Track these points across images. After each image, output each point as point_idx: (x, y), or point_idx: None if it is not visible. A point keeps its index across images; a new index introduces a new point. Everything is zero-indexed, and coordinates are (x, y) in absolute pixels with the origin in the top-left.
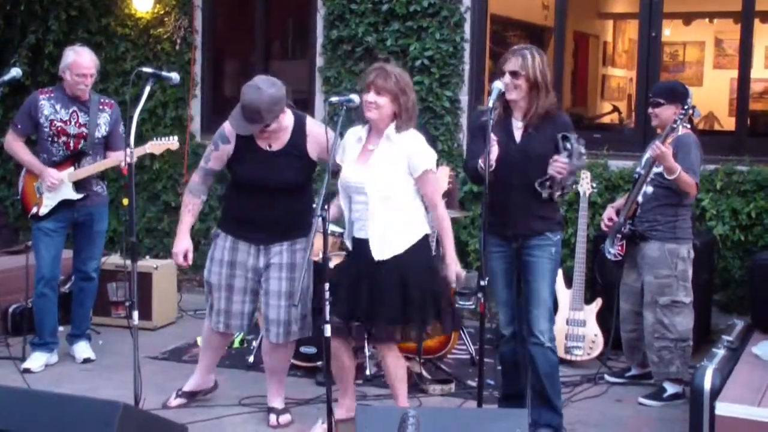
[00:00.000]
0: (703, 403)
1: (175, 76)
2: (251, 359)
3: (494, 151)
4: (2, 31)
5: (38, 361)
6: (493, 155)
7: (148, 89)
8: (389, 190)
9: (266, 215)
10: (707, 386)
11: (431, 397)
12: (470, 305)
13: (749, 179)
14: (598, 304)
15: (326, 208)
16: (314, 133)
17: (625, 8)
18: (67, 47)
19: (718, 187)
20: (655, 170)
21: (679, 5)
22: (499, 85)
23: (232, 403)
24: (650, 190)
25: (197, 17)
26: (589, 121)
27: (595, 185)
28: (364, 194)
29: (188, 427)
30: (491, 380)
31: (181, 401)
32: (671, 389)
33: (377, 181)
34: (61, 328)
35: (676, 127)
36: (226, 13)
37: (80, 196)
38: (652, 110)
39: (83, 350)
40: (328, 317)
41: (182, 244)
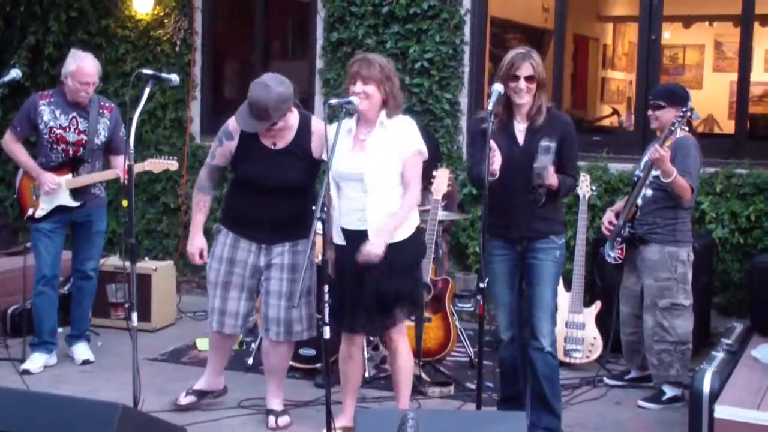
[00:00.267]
0: (702, 406)
1: (174, 77)
2: (250, 361)
3: (497, 160)
4: (2, 32)
5: (37, 362)
6: (496, 165)
7: (147, 91)
8: (387, 176)
9: (268, 214)
10: (706, 389)
11: (430, 399)
12: (469, 308)
13: (749, 182)
14: (597, 306)
15: (325, 209)
16: (319, 130)
17: (624, 11)
18: (69, 51)
19: (717, 190)
20: (653, 173)
21: (678, 8)
22: (499, 87)
23: (231, 405)
24: (649, 193)
25: (197, 19)
26: (588, 123)
27: (594, 188)
28: (359, 182)
29: (187, 428)
30: (490, 383)
31: (191, 399)
32: (670, 392)
33: (375, 167)
34: (60, 329)
35: (674, 129)
36: (226, 15)
37: (77, 204)
38: (652, 113)
39: (82, 351)
40: (327, 319)
41: (197, 242)
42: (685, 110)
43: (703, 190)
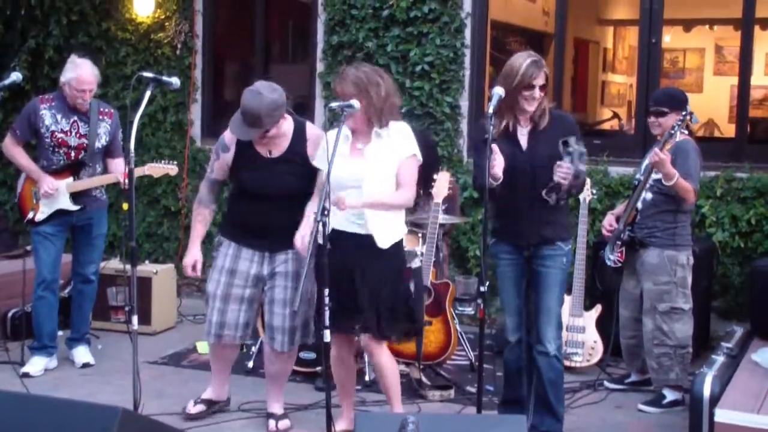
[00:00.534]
0: (702, 409)
1: (175, 80)
2: (250, 364)
3: (499, 164)
4: (2, 35)
5: (37, 365)
6: (499, 168)
7: (148, 94)
8: (386, 184)
9: (268, 222)
10: (706, 393)
11: (430, 402)
12: (470, 311)
13: (749, 186)
14: (597, 310)
15: (326, 213)
16: (314, 137)
17: (625, 15)
18: (68, 57)
19: (717, 193)
20: (654, 177)
21: (679, 12)
22: (499, 91)
23: (231, 408)
24: (649, 196)
25: (198, 22)
26: (589, 127)
27: (594, 191)
28: (357, 189)
29: None
30: (490, 386)
31: (201, 408)
32: (671, 396)
33: (375, 175)
34: (60, 332)
35: (674, 133)
36: (226, 17)
37: (77, 208)
38: (655, 119)
39: (82, 355)
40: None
41: (192, 255)
42: (684, 114)
43: (703, 193)
